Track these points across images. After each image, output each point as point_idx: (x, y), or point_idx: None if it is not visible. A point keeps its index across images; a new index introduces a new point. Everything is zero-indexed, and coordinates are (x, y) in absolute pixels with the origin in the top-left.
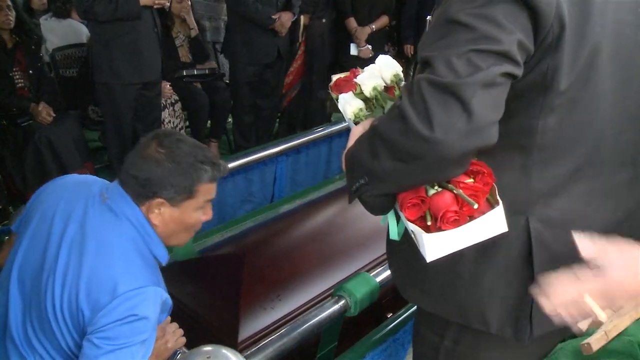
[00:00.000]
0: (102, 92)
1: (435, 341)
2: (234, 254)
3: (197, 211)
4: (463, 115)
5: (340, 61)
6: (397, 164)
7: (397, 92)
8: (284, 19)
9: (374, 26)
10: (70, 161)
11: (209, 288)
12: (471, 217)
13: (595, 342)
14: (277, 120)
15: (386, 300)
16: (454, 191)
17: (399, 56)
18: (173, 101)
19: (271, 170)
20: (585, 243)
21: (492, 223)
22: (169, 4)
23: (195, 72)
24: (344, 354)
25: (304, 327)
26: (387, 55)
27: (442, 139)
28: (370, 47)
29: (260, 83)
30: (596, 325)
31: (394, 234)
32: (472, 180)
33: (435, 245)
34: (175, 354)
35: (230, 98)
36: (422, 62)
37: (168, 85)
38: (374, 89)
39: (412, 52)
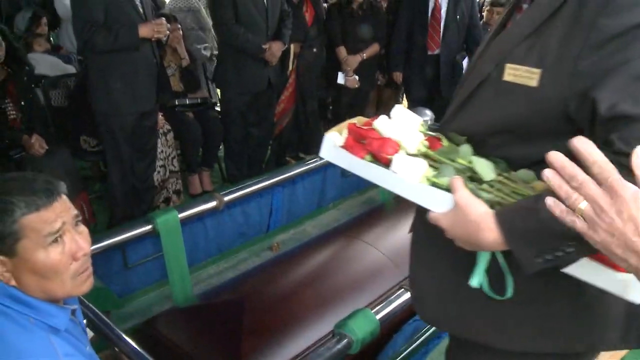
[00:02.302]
0: (101, 122)
1: None
2: (233, 300)
3: (43, 250)
4: None
5: (329, 89)
6: None
7: (445, 143)
8: (275, 49)
9: (364, 54)
10: None
11: (209, 335)
12: None
13: None
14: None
15: None
16: None
17: (389, 84)
18: (165, 130)
19: (267, 202)
20: None
21: None
22: (166, 38)
23: (187, 102)
24: None
25: None
26: (400, 106)
27: None
28: (357, 77)
29: (251, 112)
30: None
31: (487, 289)
32: None
33: None
34: None
35: (221, 127)
36: None
37: (160, 115)
38: (422, 144)
39: (400, 80)
